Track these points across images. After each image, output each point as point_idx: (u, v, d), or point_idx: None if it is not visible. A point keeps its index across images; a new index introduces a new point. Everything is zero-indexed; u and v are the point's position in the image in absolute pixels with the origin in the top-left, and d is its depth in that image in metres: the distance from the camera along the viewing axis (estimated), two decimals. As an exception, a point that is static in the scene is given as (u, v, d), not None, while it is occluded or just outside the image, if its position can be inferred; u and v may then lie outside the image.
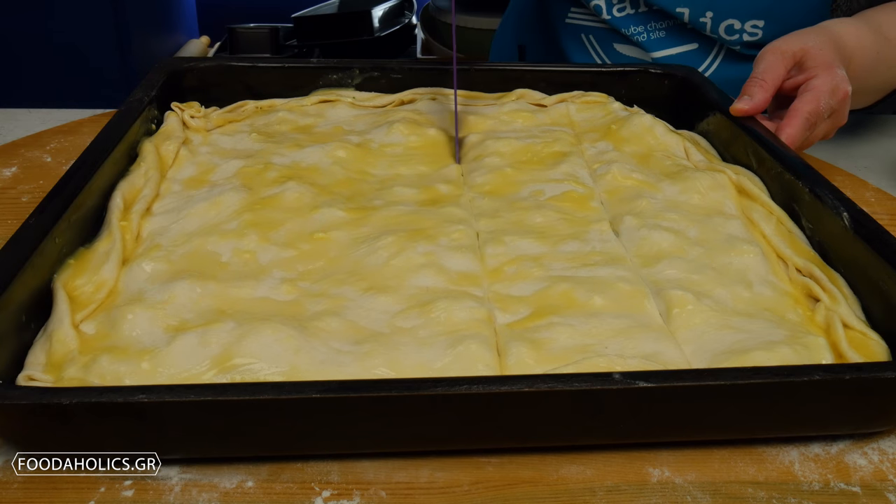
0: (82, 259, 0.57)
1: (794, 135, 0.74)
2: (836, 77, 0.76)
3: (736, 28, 0.95)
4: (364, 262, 0.60)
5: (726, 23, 0.95)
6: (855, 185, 0.84)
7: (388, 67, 0.87)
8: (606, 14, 1.01)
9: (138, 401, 0.42)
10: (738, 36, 0.95)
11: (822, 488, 0.47)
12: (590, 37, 1.05)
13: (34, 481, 0.46)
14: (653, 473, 0.48)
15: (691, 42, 1.00)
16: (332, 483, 0.46)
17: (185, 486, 0.46)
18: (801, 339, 0.52)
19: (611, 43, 1.04)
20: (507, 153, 0.76)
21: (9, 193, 0.76)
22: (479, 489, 0.46)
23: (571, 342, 0.52)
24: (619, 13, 1.00)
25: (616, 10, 1.00)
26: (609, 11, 1.01)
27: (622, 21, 1.00)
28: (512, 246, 0.62)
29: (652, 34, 1.00)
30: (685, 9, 0.95)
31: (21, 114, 0.95)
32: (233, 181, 0.69)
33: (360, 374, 0.48)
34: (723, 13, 0.95)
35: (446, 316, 0.53)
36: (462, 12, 2.14)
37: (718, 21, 0.95)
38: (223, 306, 0.54)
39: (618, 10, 1.00)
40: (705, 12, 0.95)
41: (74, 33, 2.03)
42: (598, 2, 1.00)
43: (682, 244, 0.63)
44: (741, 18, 0.94)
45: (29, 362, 0.49)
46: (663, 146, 0.79)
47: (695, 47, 1.00)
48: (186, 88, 0.83)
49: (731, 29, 0.95)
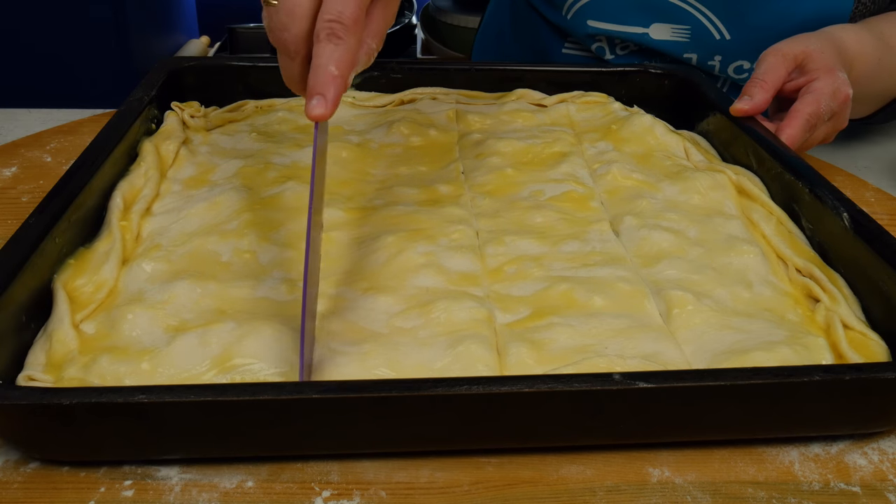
0: (82, 259, 0.57)
1: (794, 135, 0.74)
2: (838, 80, 0.76)
3: (745, 68, 0.94)
4: (364, 262, 0.60)
5: (735, 64, 0.94)
6: (855, 185, 0.84)
7: (388, 67, 0.87)
8: (609, 55, 1.00)
9: (138, 401, 0.42)
10: (746, 75, 0.95)
11: (822, 488, 0.47)
12: None
13: (34, 481, 0.46)
14: (653, 473, 0.48)
15: None
16: (332, 483, 0.46)
17: (185, 486, 0.46)
18: (801, 340, 0.52)
19: None
20: (507, 153, 0.76)
21: (9, 193, 0.76)
22: (479, 489, 0.46)
23: (571, 342, 0.52)
24: (622, 52, 0.99)
25: (619, 50, 0.99)
26: (612, 52, 0.99)
27: (625, 59, 0.99)
28: (512, 246, 0.62)
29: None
30: (693, 55, 0.95)
31: (21, 114, 0.95)
32: (233, 181, 0.69)
33: (359, 375, 0.48)
34: (731, 58, 0.94)
35: (446, 316, 0.53)
36: (462, 12, 2.14)
37: (727, 63, 0.95)
38: (223, 306, 0.54)
39: (620, 49, 0.99)
40: (713, 56, 0.94)
41: (74, 33, 2.03)
42: (602, 44, 0.99)
43: (682, 244, 0.63)
44: (750, 60, 0.93)
45: (29, 362, 0.49)
46: (663, 146, 0.79)
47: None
48: (186, 88, 0.83)
49: (741, 69, 0.95)
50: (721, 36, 0.92)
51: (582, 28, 0.98)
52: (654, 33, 0.95)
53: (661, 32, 0.95)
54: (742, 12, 0.91)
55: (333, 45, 0.50)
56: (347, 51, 0.50)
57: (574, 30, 1.00)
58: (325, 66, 0.50)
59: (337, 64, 0.50)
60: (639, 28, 0.95)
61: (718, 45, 0.93)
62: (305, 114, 0.50)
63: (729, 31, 0.92)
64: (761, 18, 0.90)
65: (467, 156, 0.77)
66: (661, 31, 0.95)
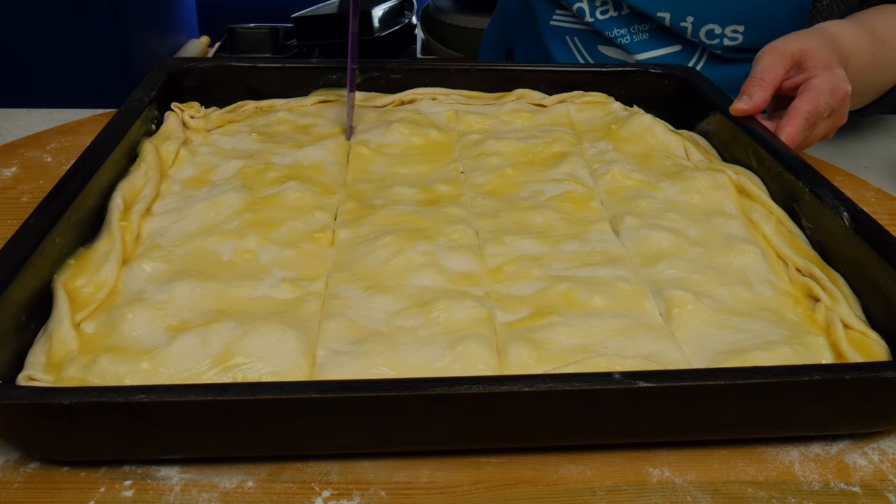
0: (82, 259, 0.57)
1: (794, 134, 0.74)
2: (836, 76, 0.76)
3: (717, 33, 0.95)
4: (364, 261, 0.60)
5: (706, 27, 0.95)
6: (855, 185, 0.84)
7: (388, 67, 0.87)
8: (590, 17, 1.01)
9: (138, 401, 0.42)
10: (718, 40, 0.96)
11: (822, 488, 0.47)
12: (574, 39, 1.06)
13: (34, 481, 0.46)
14: (653, 473, 0.48)
15: (674, 44, 1.00)
16: (332, 483, 0.46)
17: (185, 486, 0.46)
18: (801, 339, 0.52)
19: (595, 45, 1.04)
20: (507, 153, 0.76)
21: (9, 193, 0.76)
22: (479, 489, 0.46)
23: (571, 342, 0.52)
24: (602, 16, 1.00)
25: (599, 13, 1.01)
26: (592, 14, 1.01)
27: (605, 24, 1.01)
28: (512, 246, 0.62)
29: (635, 36, 1.00)
30: (666, 13, 0.96)
31: (21, 114, 0.95)
32: (233, 181, 0.69)
33: (360, 374, 0.48)
34: (703, 18, 0.95)
35: (446, 316, 0.53)
36: (462, 12, 2.14)
37: (699, 26, 0.95)
38: (223, 306, 0.54)
39: (601, 12, 1.00)
40: (686, 17, 0.95)
41: (74, 33, 2.03)
42: (582, 5, 1.01)
43: (682, 244, 0.63)
44: (721, 24, 0.94)
45: (29, 362, 0.49)
46: (663, 146, 0.79)
47: (678, 49, 1.00)
48: (186, 88, 0.83)
49: (712, 34, 0.95)
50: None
51: None
52: None
53: None
54: None
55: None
56: None
57: None
58: None
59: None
60: None
61: (690, 4, 0.94)
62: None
63: None
64: None
65: (467, 156, 0.77)
66: None
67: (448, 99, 0.86)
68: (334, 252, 0.61)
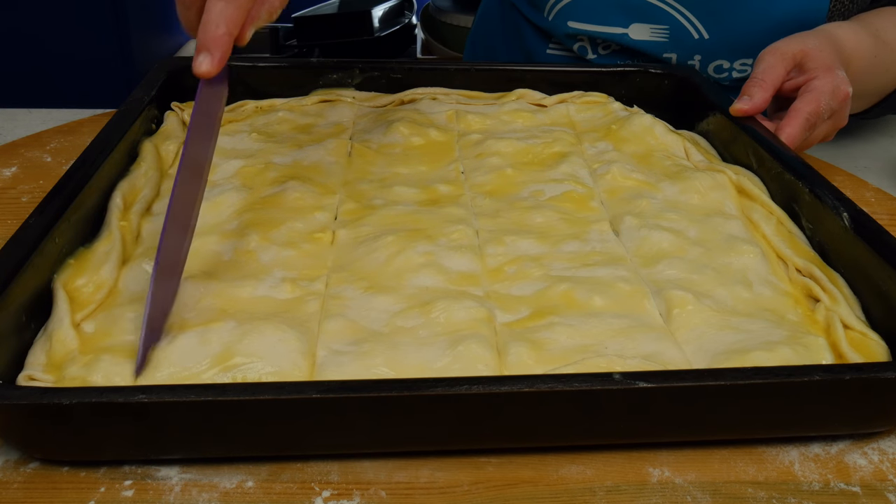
0: (82, 259, 0.57)
1: (794, 134, 0.74)
2: (837, 78, 0.76)
3: (725, 67, 0.95)
4: (364, 261, 0.60)
5: (715, 63, 0.95)
6: (855, 185, 0.84)
7: (388, 67, 0.87)
8: (592, 55, 1.00)
9: (138, 401, 0.42)
10: (727, 74, 0.95)
11: (822, 488, 0.47)
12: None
13: (34, 481, 0.46)
14: (653, 473, 0.48)
15: None
16: (332, 483, 0.46)
17: (185, 486, 0.46)
18: (801, 340, 0.52)
19: None
20: (507, 153, 0.76)
21: (9, 193, 0.76)
22: (479, 489, 0.46)
23: (571, 342, 0.52)
24: (604, 52, 0.99)
25: (601, 49, 0.99)
26: (595, 52, 1.00)
27: (607, 59, 1.00)
28: (512, 246, 0.62)
29: None
30: (672, 54, 0.95)
31: (21, 114, 0.95)
32: (233, 181, 0.69)
33: (360, 374, 0.48)
34: (710, 57, 0.94)
35: (446, 316, 0.53)
36: (462, 12, 2.14)
37: (707, 63, 0.95)
38: (224, 305, 0.54)
39: (602, 48, 0.99)
40: (693, 56, 0.95)
41: (74, 33, 2.03)
42: (584, 44, 1.00)
43: (682, 244, 0.63)
44: (729, 59, 0.94)
45: (29, 362, 0.49)
46: (663, 146, 0.79)
47: None
48: (186, 88, 0.83)
49: (721, 68, 0.95)
50: (700, 35, 0.93)
51: (563, 28, 0.99)
52: (634, 33, 0.95)
53: (640, 32, 0.95)
54: (719, 11, 0.91)
55: (224, 2, 0.50)
56: (238, 8, 0.50)
57: (555, 30, 1.00)
58: (213, 23, 0.50)
59: (226, 21, 0.50)
60: (618, 28, 0.96)
61: (697, 44, 0.93)
62: (192, 69, 0.50)
63: (707, 30, 0.92)
64: (739, 18, 0.91)
65: (467, 156, 0.77)
66: (640, 31, 0.95)
67: (448, 99, 0.86)
68: (334, 252, 0.61)
